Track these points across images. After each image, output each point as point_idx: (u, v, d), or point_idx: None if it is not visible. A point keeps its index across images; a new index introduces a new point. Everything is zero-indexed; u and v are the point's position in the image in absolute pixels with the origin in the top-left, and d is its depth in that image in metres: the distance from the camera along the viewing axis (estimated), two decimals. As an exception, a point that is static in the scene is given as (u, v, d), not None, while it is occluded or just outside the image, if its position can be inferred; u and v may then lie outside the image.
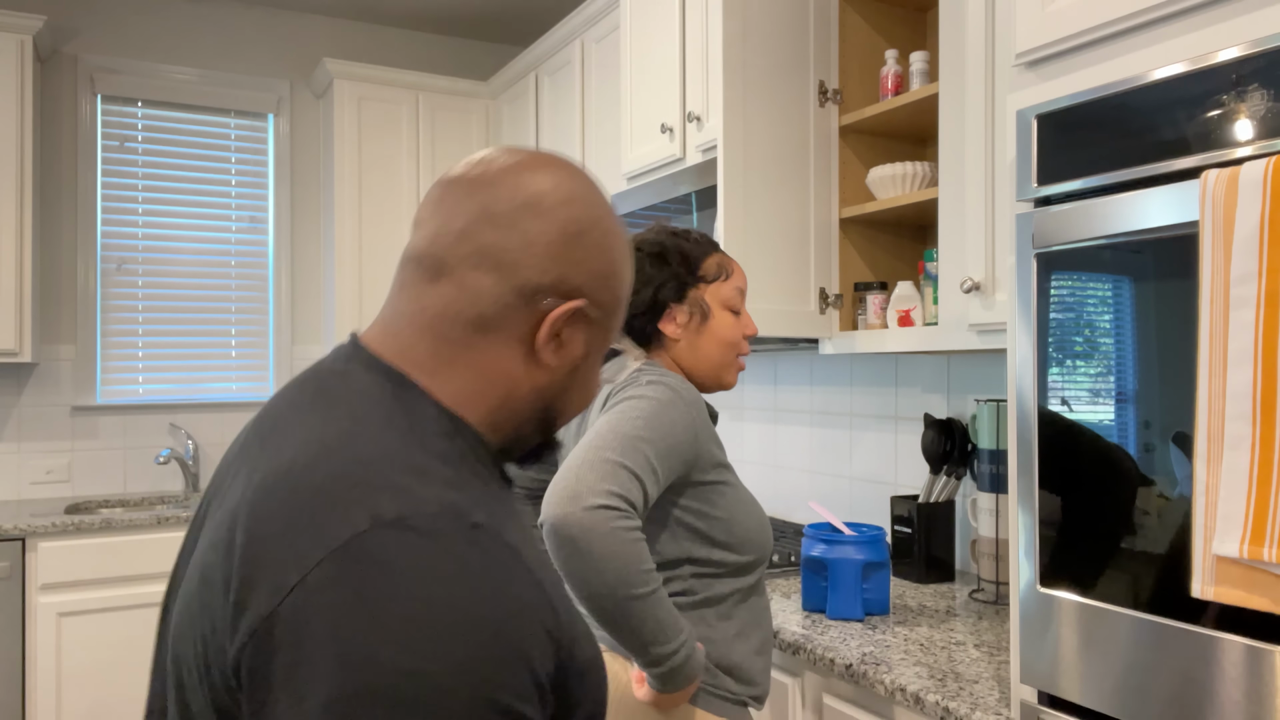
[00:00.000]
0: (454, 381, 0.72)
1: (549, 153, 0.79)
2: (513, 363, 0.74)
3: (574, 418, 0.93)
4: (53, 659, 2.94)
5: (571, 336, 0.76)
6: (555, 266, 0.73)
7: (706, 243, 1.48)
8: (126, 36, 3.71)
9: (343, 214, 3.73)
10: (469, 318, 0.72)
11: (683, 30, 2.42)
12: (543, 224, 0.73)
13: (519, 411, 0.76)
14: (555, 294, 0.74)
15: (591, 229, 0.76)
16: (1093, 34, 1.18)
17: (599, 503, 1.18)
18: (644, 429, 1.27)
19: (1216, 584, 0.96)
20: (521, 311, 0.73)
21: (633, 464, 1.24)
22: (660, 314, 1.42)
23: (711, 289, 1.45)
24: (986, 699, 1.34)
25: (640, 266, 1.43)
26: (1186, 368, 1.02)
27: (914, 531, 2.08)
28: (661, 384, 1.34)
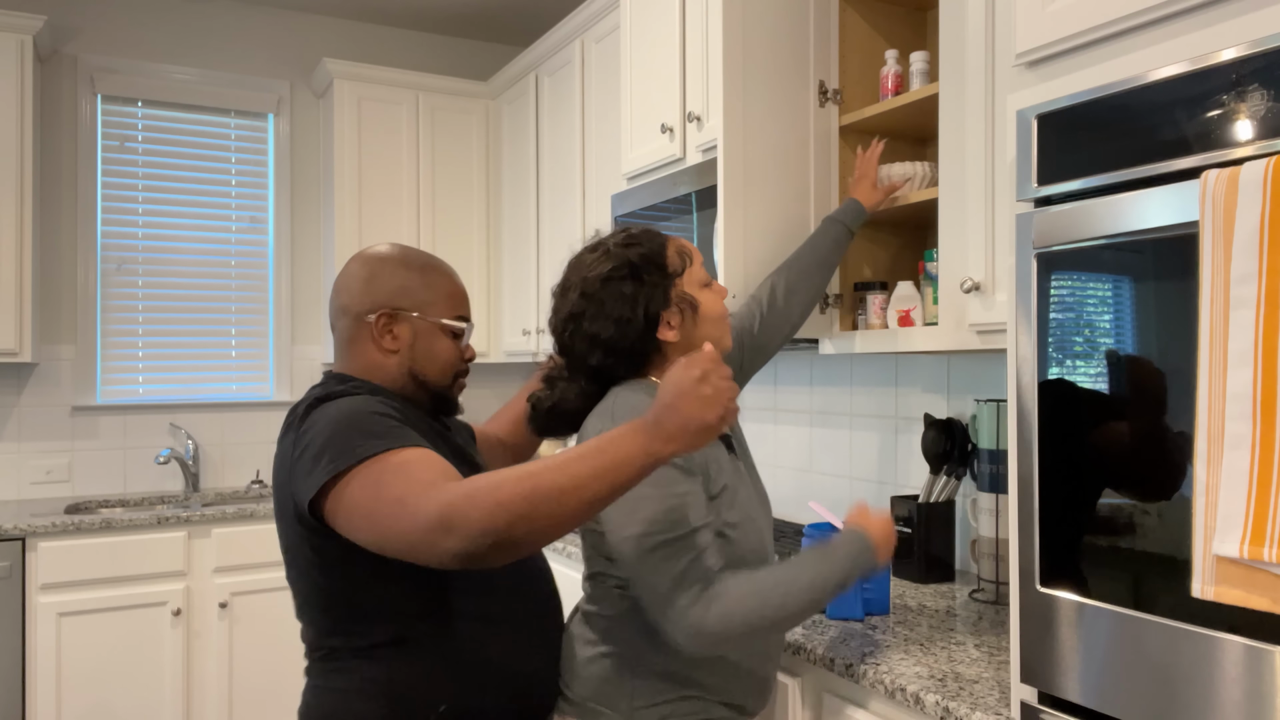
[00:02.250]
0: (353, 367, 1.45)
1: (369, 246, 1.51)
2: (375, 353, 1.43)
3: (439, 378, 1.45)
4: (53, 659, 2.94)
5: (396, 329, 1.43)
6: (366, 300, 1.43)
7: (654, 236, 1.44)
8: (126, 36, 3.71)
9: (343, 214, 3.73)
10: (345, 340, 1.46)
11: (683, 30, 2.42)
12: (352, 281, 1.45)
13: (397, 377, 1.44)
14: (372, 312, 1.42)
15: (379, 272, 1.44)
16: (1093, 34, 1.18)
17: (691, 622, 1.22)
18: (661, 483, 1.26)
19: (1216, 584, 0.96)
20: (363, 328, 1.43)
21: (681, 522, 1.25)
22: (656, 326, 1.39)
23: (685, 279, 1.41)
24: (986, 699, 1.34)
25: (618, 292, 1.37)
26: (1186, 368, 1.02)
27: (914, 531, 2.08)
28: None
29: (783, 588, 1.24)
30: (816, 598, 1.27)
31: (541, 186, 3.55)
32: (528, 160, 3.66)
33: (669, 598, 1.22)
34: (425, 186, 3.88)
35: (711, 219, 2.22)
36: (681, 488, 1.27)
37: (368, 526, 1.19)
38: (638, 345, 1.38)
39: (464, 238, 3.98)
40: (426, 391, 1.45)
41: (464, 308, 1.49)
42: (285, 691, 3.27)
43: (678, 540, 1.24)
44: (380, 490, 1.19)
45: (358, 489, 1.21)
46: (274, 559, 3.25)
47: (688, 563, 1.23)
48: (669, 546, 1.23)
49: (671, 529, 1.24)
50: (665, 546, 1.23)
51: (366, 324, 1.42)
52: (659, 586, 1.23)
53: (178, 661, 3.10)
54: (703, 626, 1.21)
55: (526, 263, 3.68)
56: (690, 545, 1.24)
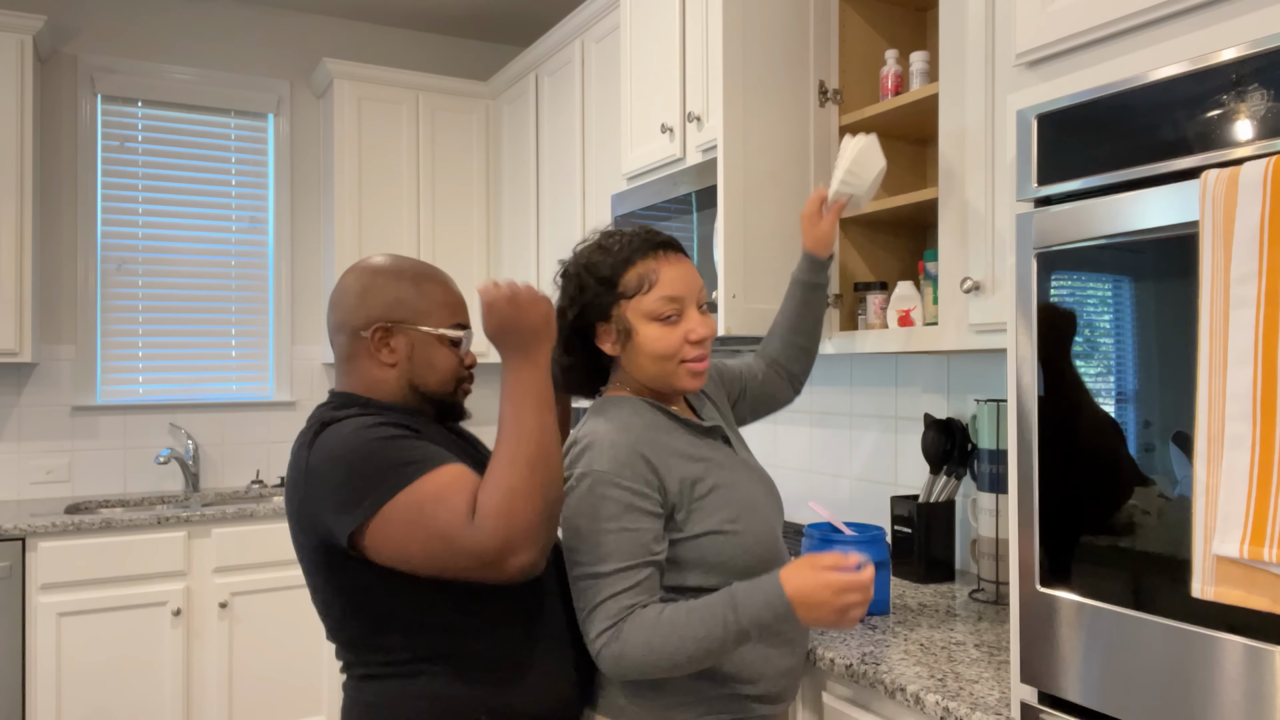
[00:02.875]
0: (354, 384, 1.42)
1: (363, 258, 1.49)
2: (374, 368, 1.41)
3: (440, 387, 1.42)
4: (53, 659, 2.94)
5: (393, 342, 1.40)
6: (360, 314, 1.40)
7: (633, 249, 1.40)
8: (126, 36, 3.71)
9: (343, 214, 3.73)
10: (343, 356, 1.43)
11: (683, 30, 2.42)
12: (346, 296, 1.42)
13: (398, 390, 1.41)
14: (367, 326, 1.39)
15: (371, 285, 1.41)
16: (1093, 34, 1.18)
17: (596, 653, 1.29)
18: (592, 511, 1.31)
19: (1216, 584, 0.96)
20: (360, 343, 1.40)
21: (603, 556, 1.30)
22: (593, 333, 1.42)
23: (633, 304, 1.38)
24: (986, 699, 1.34)
25: (565, 288, 1.43)
26: (1186, 368, 1.02)
27: (914, 531, 2.08)
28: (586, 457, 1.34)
29: (675, 640, 1.25)
30: (712, 650, 1.26)
31: (541, 186, 3.55)
32: (528, 160, 3.66)
33: (587, 625, 1.31)
34: (425, 186, 3.88)
35: (711, 219, 2.22)
36: (625, 521, 1.30)
37: (424, 563, 1.25)
38: (575, 343, 1.44)
39: (464, 238, 3.98)
40: (430, 402, 1.44)
41: (461, 315, 1.47)
42: (285, 691, 3.27)
43: (600, 577, 1.29)
44: (428, 525, 1.23)
45: (400, 527, 1.24)
46: (274, 559, 3.25)
47: (605, 598, 1.29)
48: (592, 579, 1.30)
49: (598, 563, 1.29)
50: (588, 579, 1.30)
51: (363, 339, 1.39)
52: (581, 611, 1.32)
53: (178, 661, 3.10)
54: (604, 659, 1.29)
55: (526, 263, 3.68)
56: (612, 582, 1.29)
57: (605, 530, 1.29)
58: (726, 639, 1.25)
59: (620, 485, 1.30)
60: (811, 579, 1.22)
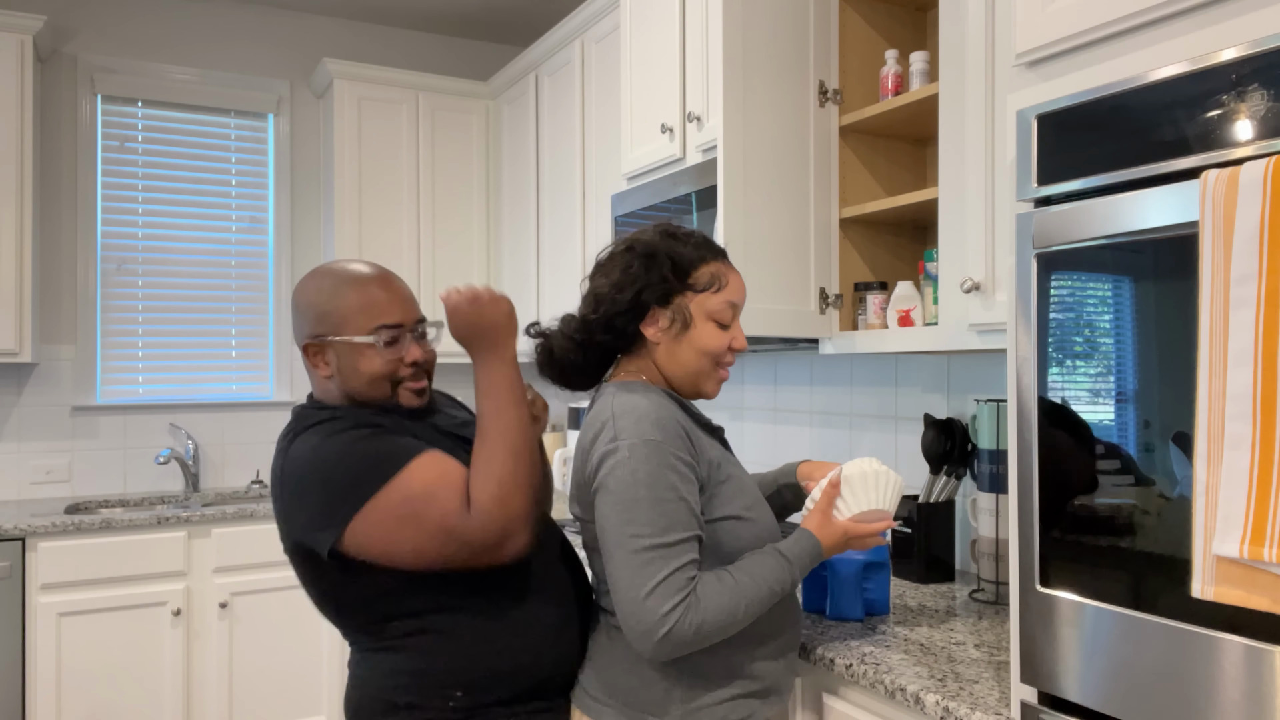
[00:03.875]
0: (317, 394, 1.49)
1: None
2: (321, 380, 1.47)
3: (371, 390, 1.43)
4: (53, 659, 2.94)
5: (326, 356, 1.44)
6: (300, 330, 1.46)
7: (706, 248, 1.44)
8: (126, 36, 3.71)
9: (343, 214, 3.73)
10: (306, 370, 1.63)
11: (683, 30, 2.42)
12: (291, 314, 1.53)
13: (340, 399, 1.45)
14: (303, 345, 1.45)
15: (299, 302, 1.46)
16: (1093, 34, 1.18)
17: (664, 631, 1.24)
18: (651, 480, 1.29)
19: (1216, 584, 0.96)
20: (305, 358, 1.46)
21: (668, 526, 1.27)
22: (643, 315, 1.41)
23: (699, 299, 1.41)
24: (986, 699, 1.34)
25: (629, 265, 1.41)
26: (1186, 368, 1.02)
27: (914, 531, 2.08)
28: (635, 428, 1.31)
29: (748, 596, 1.30)
30: (771, 602, 1.33)
31: (541, 186, 3.56)
32: (528, 160, 3.66)
33: (646, 602, 1.24)
34: (425, 186, 3.88)
35: (711, 219, 2.22)
36: (681, 491, 1.29)
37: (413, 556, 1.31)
38: (618, 321, 1.41)
39: (464, 238, 3.98)
40: (370, 407, 1.44)
41: (386, 314, 1.43)
42: (285, 691, 3.27)
43: (667, 547, 1.26)
44: (422, 522, 1.29)
45: (388, 524, 1.30)
46: (274, 559, 3.25)
47: (673, 570, 1.25)
48: (656, 550, 1.26)
49: (664, 534, 1.27)
50: (653, 550, 1.26)
51: (306, 356, 1.46)
52: (639, 588, 1.25)
53: (178, 661, 3.10)
54: (675, 632, 1.24)
55: (526, 263, 3.68)
56: (678, 553, 1.27)
57: (666, 500, 1.28)
58: (784, 592, 1.34)
59: (675, 454, 1.31)
60: (831, 529, 1.40)
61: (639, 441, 1.30)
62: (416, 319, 1.48)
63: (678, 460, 1.30)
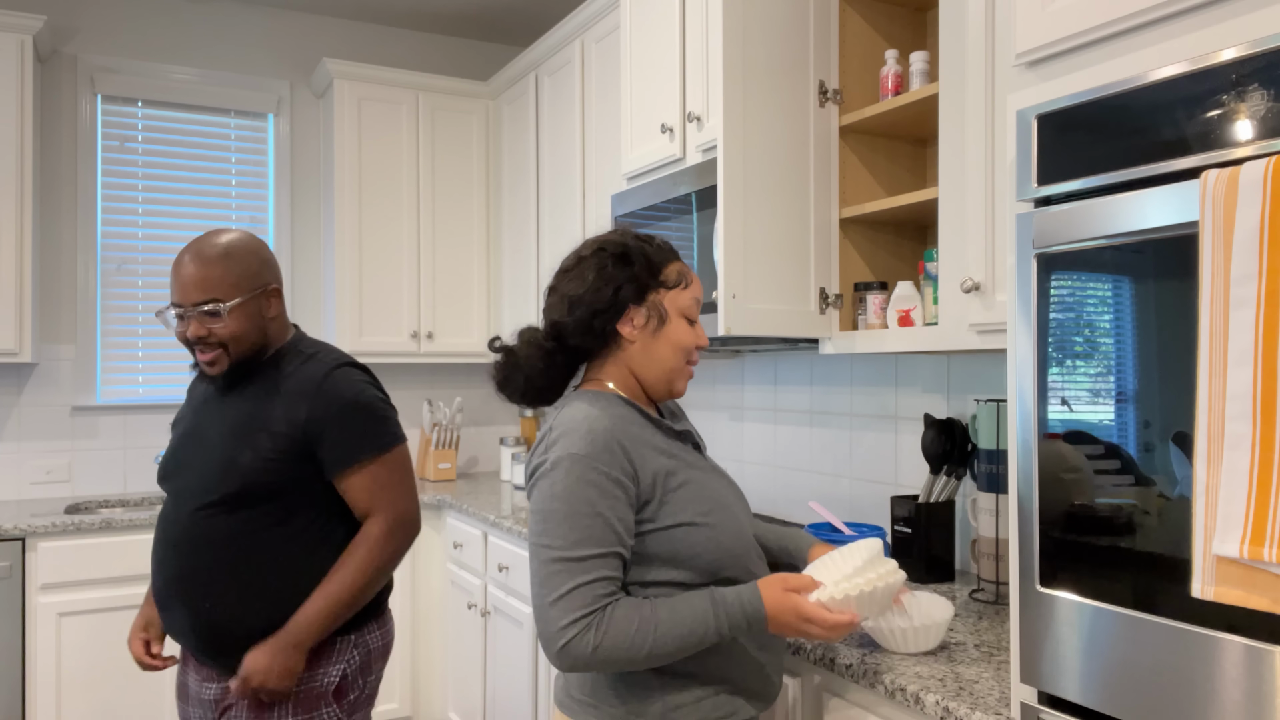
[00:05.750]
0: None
1: None
2: None
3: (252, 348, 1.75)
4: (53, 659, 2.94)
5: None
6: None
7: (669, 249, 1.49)
8: (126, 36, 3.71)
9: (343, 214, 3.73)
10: None
11: (683, 30, 2.42)
12: None
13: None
14: None
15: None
16: (1093, 34, 1.18)
17: (562, 643, 1.25)
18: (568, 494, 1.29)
19: (1216, 584, 0.96)
20: None
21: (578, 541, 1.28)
22: (620, 314, 1.42)
23: (671, 295, 1.45)
24: (986, 699, 1.34)
25: (603, 265, 1.42)
26: (1186, 368, 1.02)
27: (914, 531, 2.08)
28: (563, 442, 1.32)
29: (657, 634, 1.27)
30: (686, 648, 1.28)
31: (541, 186, 3.56)
32: (528, 160, 3.66)
33: (549, 611, 1.26)
34: (425, 186, 3.88)
35: (711, 219, 2.22)
36: (598, 507, 1.29)
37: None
38: (596, 323, 1.42)
39: (464, 238, 3.98)
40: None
41: (172, 294, 1.72)
42: (285, 691, 3.27)
43: (574, 561, 1.27)
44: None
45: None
46: (274, 559, 3.25)
47: (577, 584, 1.26)
48: (562, 564, 1.27)
49: (572, 548, 1.28)
50: (559, 563, 1.27)
51: None
52: (543, 597, 1.28)
53: (178, 661, 3.10)
54: (572, 647, 1.25)
55: (526, 263, 3.68)
56: (586, 569, 1.27)
57: (580, 514, 1.28)
58: (706, 638, 1.28)
59: (598, 470, 1.30)
60: (782, 600, 1.30)
61: (564, 455, 1.31)
62: (181, 302, 1.69)
63: (601, 475, 1.30)
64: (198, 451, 1.74)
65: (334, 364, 1.76)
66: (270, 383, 1.74)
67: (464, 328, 3.98)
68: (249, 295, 1.72)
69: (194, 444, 1.75)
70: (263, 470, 1.67)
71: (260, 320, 1.75)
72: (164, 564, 1.73)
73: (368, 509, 1.74)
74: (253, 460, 1.67)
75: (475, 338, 4.00)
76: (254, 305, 1.74)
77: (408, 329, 3.85)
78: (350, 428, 1.71)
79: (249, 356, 1.75)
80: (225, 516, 1.68)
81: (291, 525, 1.70)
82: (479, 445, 4.35)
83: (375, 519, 1.73)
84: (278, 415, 1.70)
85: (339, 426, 1.71)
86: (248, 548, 1.68)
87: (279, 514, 1.69)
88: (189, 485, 1.72)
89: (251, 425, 1.70)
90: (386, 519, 1.73)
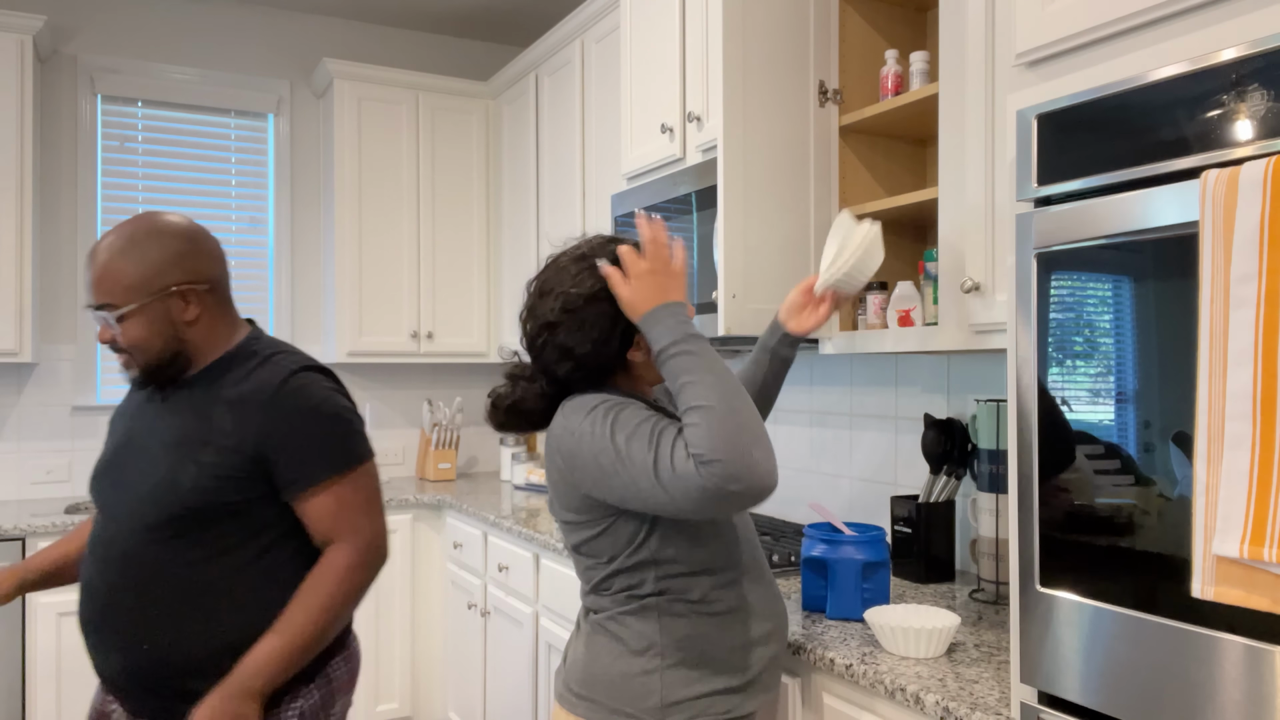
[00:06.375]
0: None
1: None
2: None
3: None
4: (53, 659, 2.94)
5: None
6: None
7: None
8: (126, 36, 3.71)
9: (343, 214, 3.73)
10: None
11: (683, 30, 2.42)
12: None
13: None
14: None
15: None
16: (1093, 34, 1.18)
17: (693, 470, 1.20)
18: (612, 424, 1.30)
19: (1216, 584, 0.96)
20: None
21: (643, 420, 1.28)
22: (627, 347, 1.41)
23: None
24: (986, 699, 1.34)
25: (600, 311, 1.38)
26: (1186, 368, 1.02)
27: (914, 531, 2.08)
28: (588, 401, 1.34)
29: (722, 381, 1.25)
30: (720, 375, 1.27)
31: (541, 186, 3.56)
32: (528, 160, 3.66)
33: (660, 465, 1.22)
34: (425, 186, 3.88)
35: (711, 219, 2.22)
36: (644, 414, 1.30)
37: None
38: (606, 365, 1.40)
39: (464, 238, 3.98)
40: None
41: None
42: (285, 691, 3.27)
43: (636, 428, 1.26)
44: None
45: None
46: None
47: (653, 432, 1.25)
48: (635, 438, 1.25)
49: (626, 426, 1.27)
50: (632, 440, 1.25)
51: None
52: (650, 466, 1.23)
53: (178, 661, 3.10)
54: (702, 459, 1.19)
55: (526, 263, 3.68)
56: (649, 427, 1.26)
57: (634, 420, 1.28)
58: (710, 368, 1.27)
59: (629, 407, 1.31)
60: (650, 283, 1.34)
61: (598, 404, 1.33)
62: (91, 303, 1.51)
63: (634, 408, 1.31)
64: (135, 466, 1.52)
65: (293, 368, 1.53)
66: (218, 389, 1.52)
67: (464, 328, 3.98)
68: (148, 300, 1.49)
69: (131, 456, 1.54)
70: (209, 490, 1.45)
71: (169, 327, 1.51)
72: (94, 593, 1.50)
73: (331, 534, 1.51)
74: (197, 479, 1.45)
75: (475, 338, 4.00)
76: (157, 310, 1.50)
77: (408, 329, 3.85)
78: (311, 442, 1.49)
79: (165, 365, 1.53)
80: (168, 542, 1.46)
81: (244, 553, 1.48)
82: (479, 445, 4.35)
83: (341, 547, 1.51)
84: (226, 428, 1.48)
85: (298, 441, 1.49)
86: (193, 578, 1.46)
87: (229, 540, 1.48)
88: (125, 504, 1.50)
89: (196, 438, 1.48)
90: (355, 547, 1.51)
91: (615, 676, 1.37)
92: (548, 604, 2.64)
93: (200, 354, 1.56)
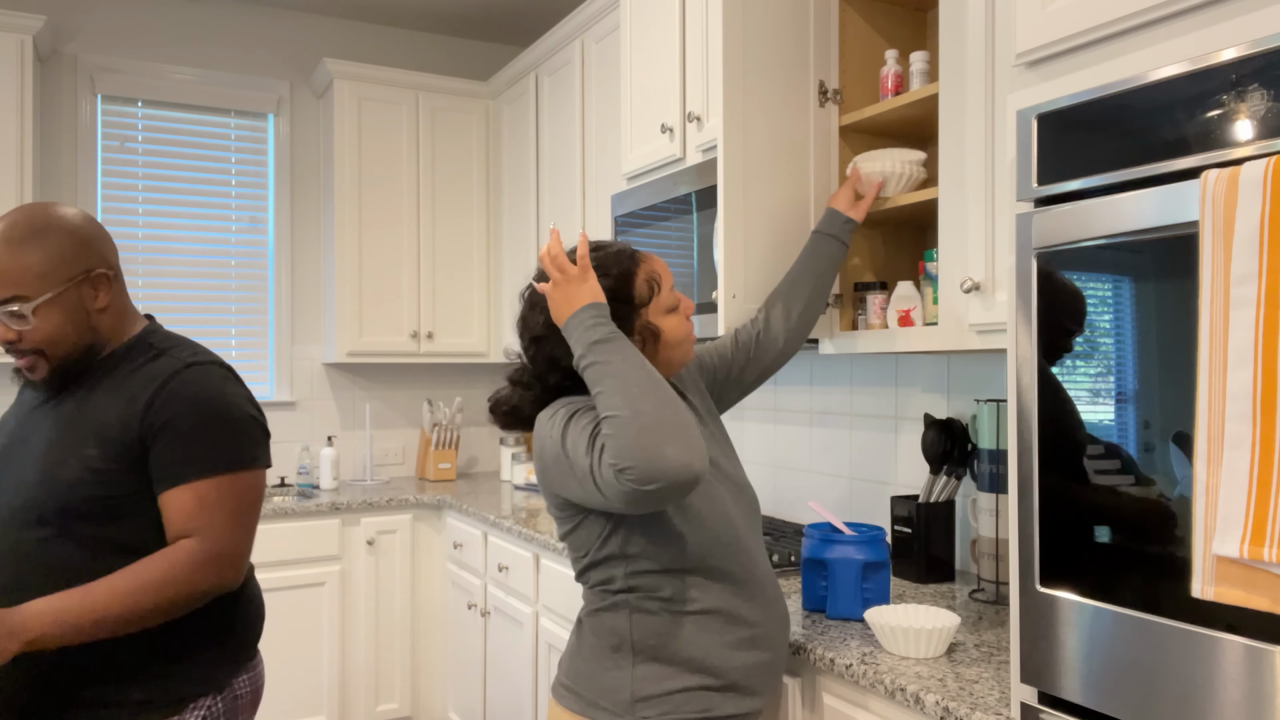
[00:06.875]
0: None
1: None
2: None
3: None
4: (53, 659, 2.93)
5: None
6: None
7: (625, 258, 1.46)
8: (126, 36, 3.71)
9: (343, 214, 3.73)
10: None
11: (683, 30, 2.42)
12: None
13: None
14: None
15: None
16: (1093, 34, 1.18)
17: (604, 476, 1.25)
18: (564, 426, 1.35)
19: (1216, 584, 0.96)
20: None
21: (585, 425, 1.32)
22: None
23: (650, 308, 1.46)
24: (986, 699, 1.34)
25: None
26: (1186, 368, 1.02)
27: (914, 531, 2.08)
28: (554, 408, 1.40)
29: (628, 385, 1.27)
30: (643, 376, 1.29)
31: (541, 186, 3.56)
32: (528, 160, 3.66)
33: (594, 470, 1.26)
34: (425, 186, 3.88)
35: (711, 219, 2.22)
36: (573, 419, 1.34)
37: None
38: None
39: (464, 238, 3.98)
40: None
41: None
42: (285, 691, 3.27)
43: (580, 433, 1.30)
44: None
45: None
46: (273, 559, 3.25)
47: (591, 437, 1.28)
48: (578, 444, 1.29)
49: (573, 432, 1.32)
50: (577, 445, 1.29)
51: None
52: (588, 471, 1.27)
53: (178, 661, 3.10)
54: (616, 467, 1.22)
55: (526, 263, 3.68)
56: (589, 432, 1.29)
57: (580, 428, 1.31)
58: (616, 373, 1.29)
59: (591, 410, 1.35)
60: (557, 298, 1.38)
61: (549, 420, 1.37)
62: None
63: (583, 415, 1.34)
64: (17, 463, 1.45)
65: (188, 361, 1.46)
66: (108, 383, 1.45)
67: (464, 328, 3.98)
68: (63, 287, 1.42)
69: (15, 454, 1.47)
70: (89, 484, 1.38)
71: (83, 315, 1.44)
72: None
73: (183, 532, 1.40)
74: (77, 472, 1.38)
75: (475, 338, 4.00)
76: (72, 298, 1.43)
77: (408, 329, 3.85)
78: (191, 437, 1.40)
79: (78, 358, 1.46)
80: (52, 543, 1.39)
81: (131, 555, 1.40)
82: (479, 445, 4.35)
83: (188, 541, 1.39)
84: (111, 419, 1.41)
85: (174, 434, 1.40)
86: (76, 580, 1.37)
87: (118, 540, 1.40)
88: (8, 504, 1.42)
89: (79, 431, 1.42)
90: (204, 546, 1.39)
91: (593, 670, 1.41)
92: (548, 604, 2.65)
93: (104, 345, 1.49)
